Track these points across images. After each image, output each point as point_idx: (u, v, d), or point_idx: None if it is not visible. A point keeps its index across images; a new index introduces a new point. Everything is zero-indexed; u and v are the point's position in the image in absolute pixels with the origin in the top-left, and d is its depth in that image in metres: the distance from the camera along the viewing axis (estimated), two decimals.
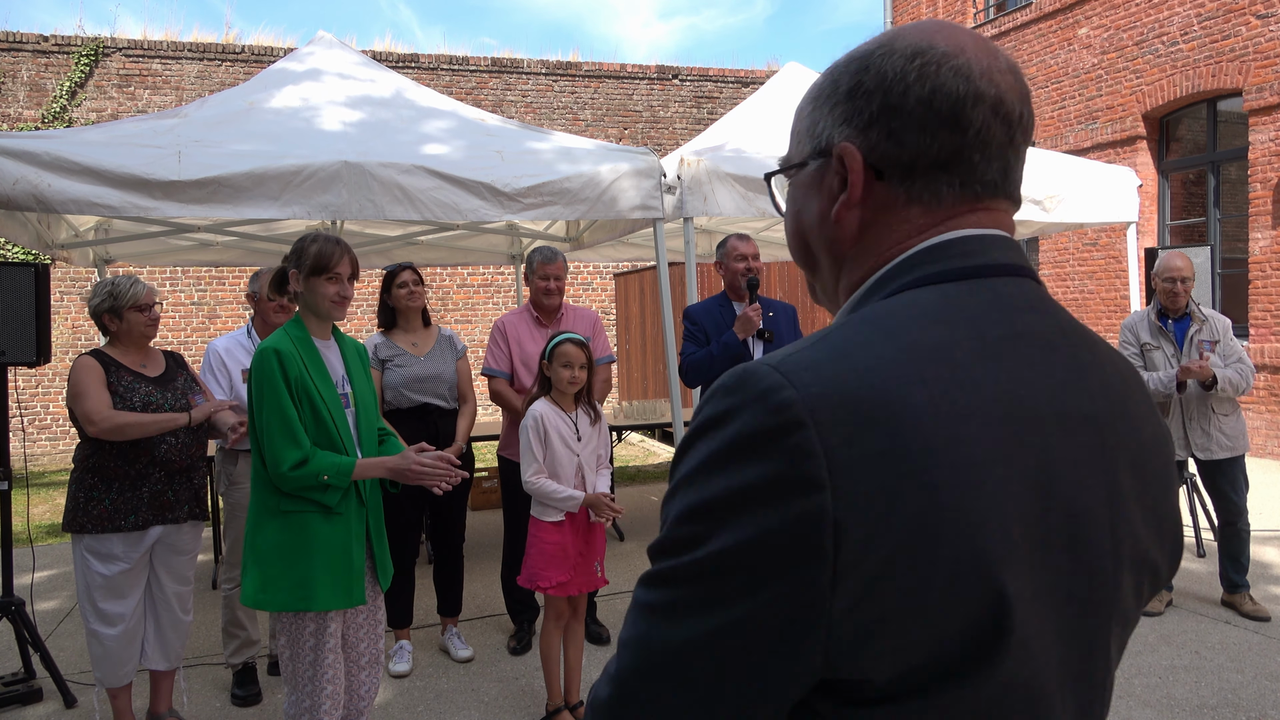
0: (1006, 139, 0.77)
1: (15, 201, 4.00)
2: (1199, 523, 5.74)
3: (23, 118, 11.50)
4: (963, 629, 0.64)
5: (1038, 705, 0.68)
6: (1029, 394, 0.70)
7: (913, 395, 0.65)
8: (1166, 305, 4.58)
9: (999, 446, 0.66)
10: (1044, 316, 0.76)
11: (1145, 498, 0.77)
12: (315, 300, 2.70)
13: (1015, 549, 0.65)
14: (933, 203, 0.77)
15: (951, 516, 0.63)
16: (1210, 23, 9.60)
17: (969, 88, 0.75)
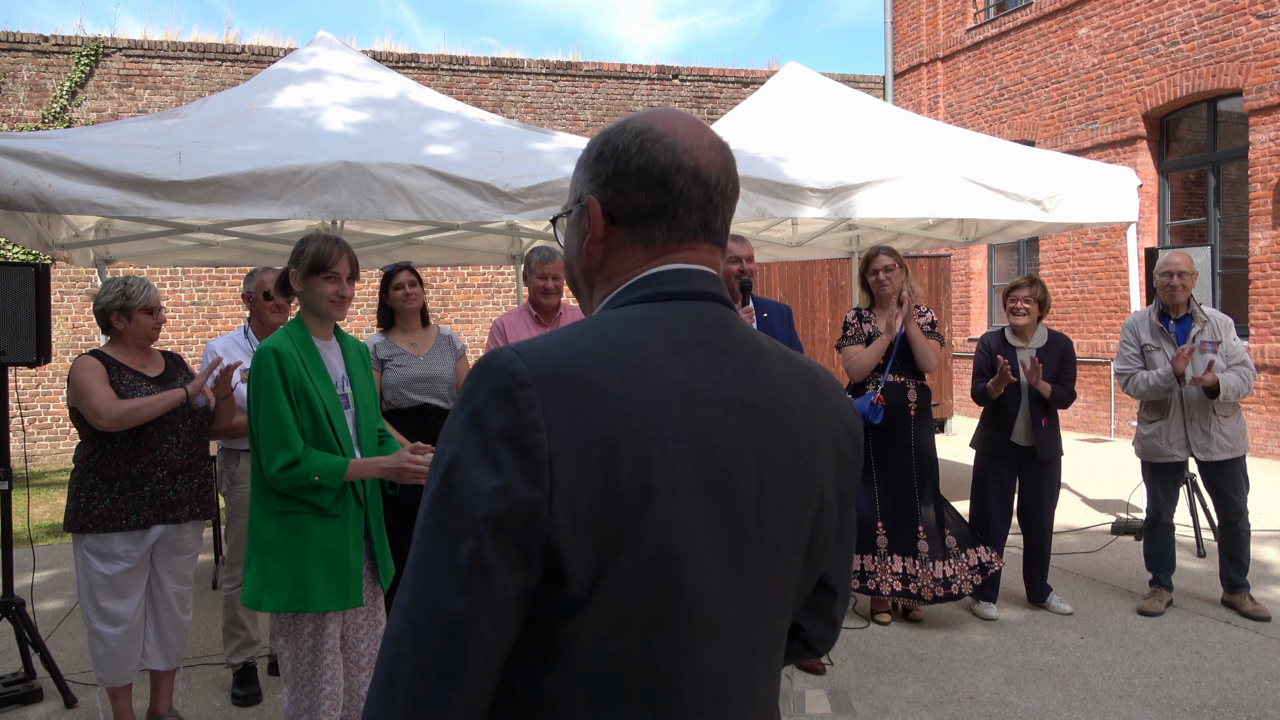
0: (704, 198, 1.05)
1: (15, 201, 4.00)
2: (1199, 523, 5.74)
3: (23, 118, 11.51)
4: (637, 544, 0.90)
5: (694, 608, 0.94)
6: (700, 384, 0.96)
7: (606, 374, 0.92)
8: (1165, 302, 4.58)
9: (670, 417, 0.93)
10: (724, 331, 1.03)
11: (797, 465, 1.03)
12: (314, 300, 2.71)
13: (678, 490, 0.92)
14: (649, 243, 1.06)
15: (626, 460, 0.89)
16: (1210, 23, 9.60)
17: (674, 160, 1.04)
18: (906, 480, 4.46)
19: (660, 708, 0.94)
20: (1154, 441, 4.59)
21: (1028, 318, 4.59)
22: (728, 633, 0.97)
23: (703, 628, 0.95)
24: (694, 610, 0.94)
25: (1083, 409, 11.27)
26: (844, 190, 5.23)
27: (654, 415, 0.92)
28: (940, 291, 11.21)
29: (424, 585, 0.90)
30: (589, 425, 0.89)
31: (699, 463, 0.94)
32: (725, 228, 1.09)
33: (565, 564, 0.88)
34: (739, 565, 0.97)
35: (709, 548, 0.95)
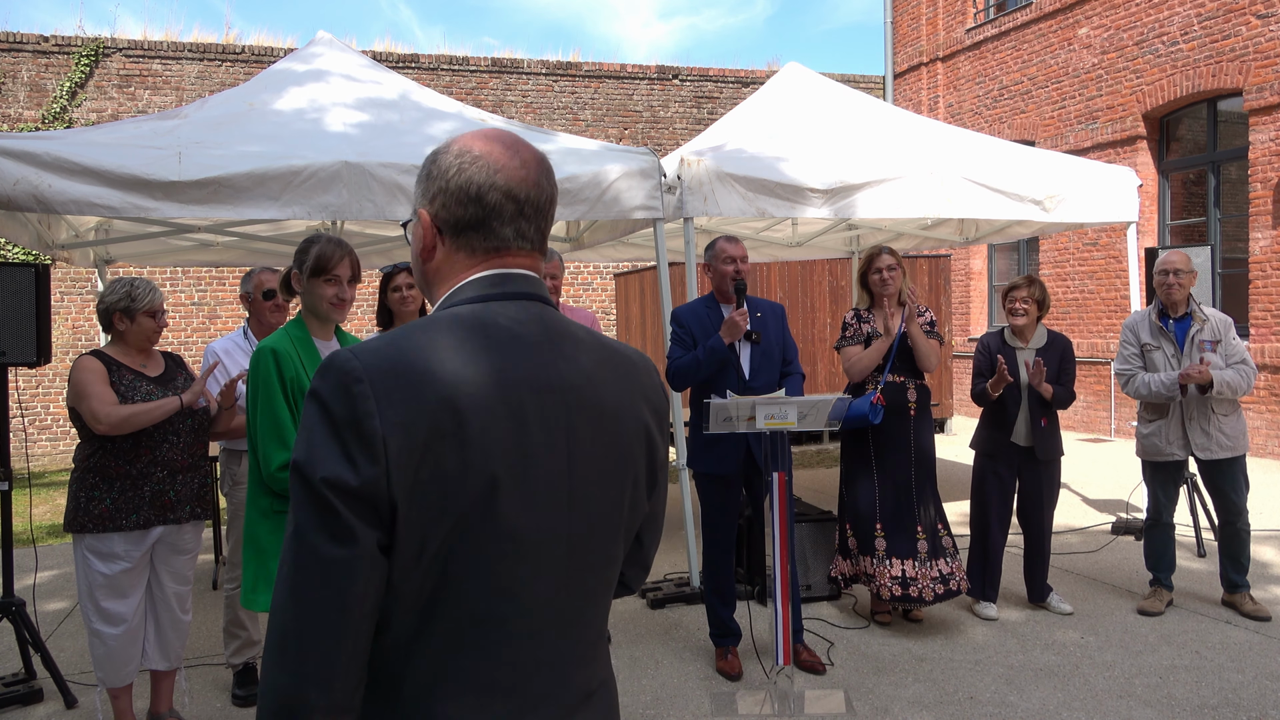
0: (516, 212, 1.22)
1: (16, 202, 4.00)
2: (1199, 522, 5.74)
3: (23, 118, 11.51)
4: (464, 506, 1.08)
5: (522, 548, 1.13)
6: (514, 373, 1.14)
7: (429, 368, 1.09)
8: (1163, 301, 4.58)
9: (486, 401, 1.10)
10: (538, 325, 1.20)
11: (604, 438, 1.21)
12: (314, 301, 2.71)
13: (496, 462, 1.10)
14: (471, 251, 1.23)
15: (449, 438, 1.07)
16: (1210, 23, 9.60)
17: (488, 179, 1.20)
18: (906, 480, 4.46)
19: (492, 638, 1.13)
20: (1154, 440, 4.59)
21: (1026, 318, 4.59)
22: (550, 574, 1.17)
23: (525, 570, 1.15)
24: (517, 558, 1.14)
25: (1083, 409, 11.27)
26: (844, 190, 5.23)
27: (472, 400, 1.10)
28: (940, 291, 11.21)
29: (302, 550, 1.06)
30: (414, 411, 1.07)
31: (514, 439, 1.13)
32: (540, 234, 1.27)
33: (405, 523, 1.07)
34: (555, 523, 1.17)
35: (527, 509, 1.13)
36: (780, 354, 4.10)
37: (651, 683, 3.91)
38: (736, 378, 3.96)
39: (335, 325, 2.84)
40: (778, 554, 3.63)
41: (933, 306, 10.91)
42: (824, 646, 4.20)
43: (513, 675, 1.15)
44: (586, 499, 1.20)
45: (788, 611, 3.63)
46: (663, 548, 6.16)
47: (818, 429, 3.79)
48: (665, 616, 4.75)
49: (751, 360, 4.01)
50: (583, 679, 1.22)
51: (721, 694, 3.76)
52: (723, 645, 4.06)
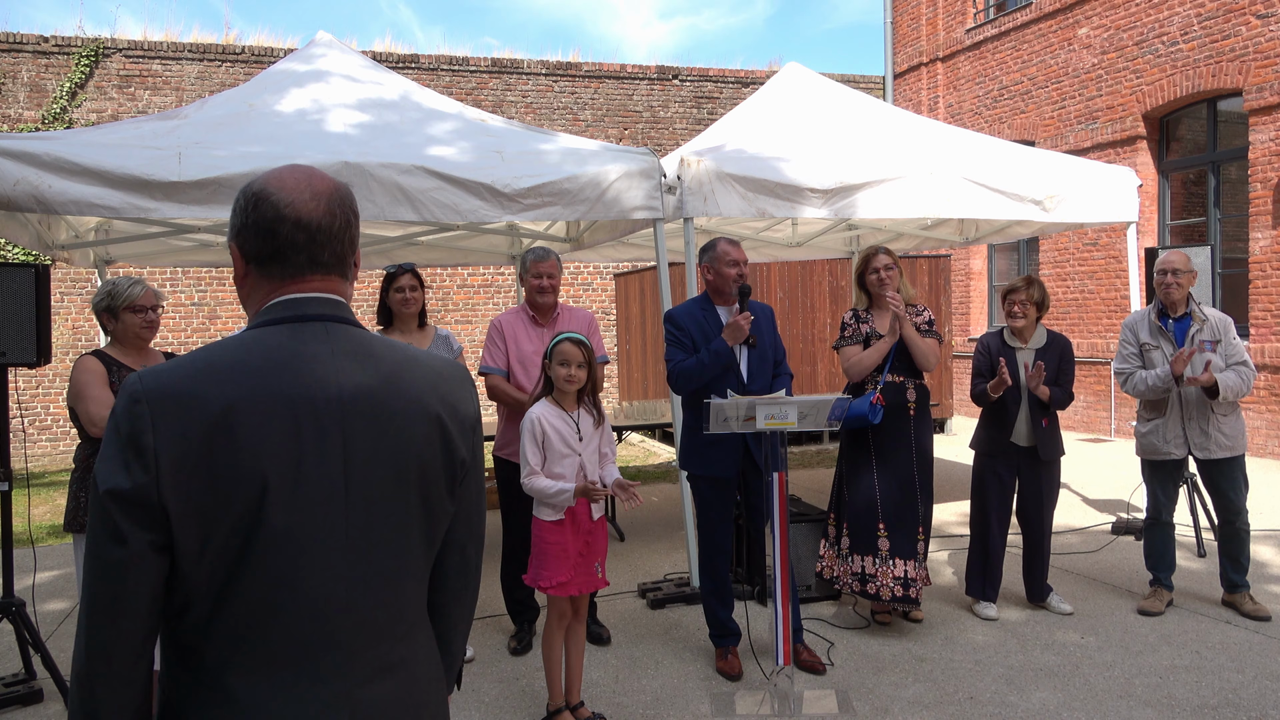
0: (308, 240, 1.36)
1: (16, 202, 4.00)
2: (1199, 522, 5.74)
3: (23, 119, 11.51)
4: (236, 509, 1.23)
5: (297, 544, 1.27)
6: (293, 388, 1.28)
7: (205, 390, 1.24)
8: (1162, 300, 4.58)
9: (264, 415, 1.25)
10: (327, 342, 1.34)
11: (388, 441, 1.34)
12: None
13: (270, 468, 1.24)
14: (270, 279, 1.37)
15: (222, 451, 1.22)
16: (1210, 23, 9.60)
17: (278, 214, 1.34)
18: (908, 479, 4.45)
19: (276, 621, 1.28)
20: (1152, 439, 4.59)
21: (1025, 320, 4.59)
22: (330, 565, 1.30)
23: (303, 562, 1.28)
24: (294, 552, 1.27)
25: (1083, 409, 11.28)
26: (844, 190, 5.23)
27: (242, 416, 1.24)
28: (940, 291, 11.21)
29: (90, 549, 1.24)
30: (186, 428, 1.23)
31: (285, 448, 1.26)
32: (337, 257, 1.40)
33: (180, 524, 1.23)
34: (332, 520, 1.30)
35: (300, 508, 1.27)
36: (773, 356, 4.10)
37: (651, 683, 3.91)
38: (736, 381, 3.96)
39: None
40: (777, 554, 3.63)
41: (933, 306, 10.91)
42: (824, 646, 4.20)
43: (298, 653, 1.29)
44: (366, 498, 1.33)
45: (788, 612, 3.63)
46: (663, 548, 6.17)
47: (818, 429, 3.78)
48: (665, 617, 4.75)
49: (749, 363, 4.01)
50: (376, 656, 1.35)
51: (721, 694, 3.76)
52: (722, 645, 4.06)
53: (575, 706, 3.49)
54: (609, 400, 12.87)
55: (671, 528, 6.78)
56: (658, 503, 7.82)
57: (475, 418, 1.50)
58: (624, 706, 3.67)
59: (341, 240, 1.40)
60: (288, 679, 1.29)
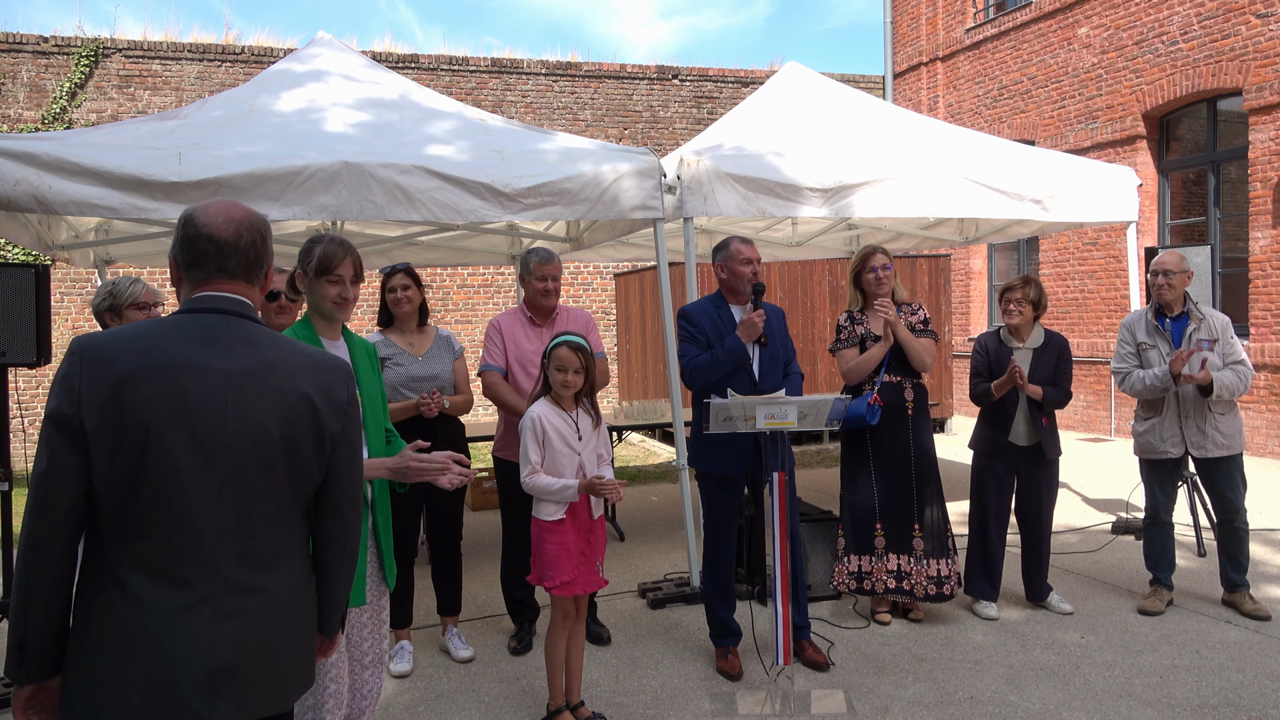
0: (216, 252, 1.83)
1: (16, 203, 4.01)
2: (1199, 522, 5.74)
3: (23, 119, 11.51)
4: (134, 442, 1.66)
5: (177, 478, 1.68)
6: (189, 359, 1.72)
7: (122, 350, 1.68)
8: (1157, 301, 4.59)
9: (161, 373, 1.69)
10: (220, 329, 1.78)
11: (263, 410, 1.76)
12: (318, 300, 2.73)
13: (160, 415, 1.67)
14: (191, 280, 1.85)
15: (127, 397, 1.65)
16: (1210, 22, 9.60)
17: (196, 232, 1.83)
18: (905, 480, 4.46)
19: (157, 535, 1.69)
20: (1149, 438, 4.59)
21: (1021, 319, 4.59)
22: (204, 499, 1.71)
23: (181, 490, 1.70)
24: (173, 485, 1.69)
25: (1083, 409, 11.28)
26: (844, 190, 5.23)
27: (148, 372, 1.69)
28: (940, 291, 11.21)
29: (36, 461, 1.66)
30: (99, 377, 1.66)
31: (172, 402, 1.69)
32: (243, 267, 1.86)
33: (93, 450, 1.66)
34: (209, 463, 1.71)
35: (181, 451, 1.69)
36: (784, 356, 4.11)
37: (651, 682, 3.91)
38: (748, 379, 3.96)
39: (342, 325, 2.85)
40: (777, 554, 3.63)
41: (932, 306, 10.91)
42: (824, 646, 4.20)
43: (173, 561, 1.69)
44: (236, 451, 1.73)
45: (788, 611, 3.63)
46: (663, 548, 6.17)
47: (818, 429, 3.79)
48: (665, 616, 4.75)
49: (761, 362, 4.01)
50: (237, 577, 1.74)
51: (722, 694, 3.76)
52: (723, 645, 4.06)
53: (575, 706, 3.49)
54: (609, 400, 12.86)
55: (671, 527, 6.79)
56: (658, 502, 7.82)
57: (347, 401, 1.91)
58: (624, 706, 3.67)
59: (249, 254, 1.87)
60: (163, 581, 1.69)
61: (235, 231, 1.85)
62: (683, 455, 5.05)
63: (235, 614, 1.72)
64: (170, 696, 1.66)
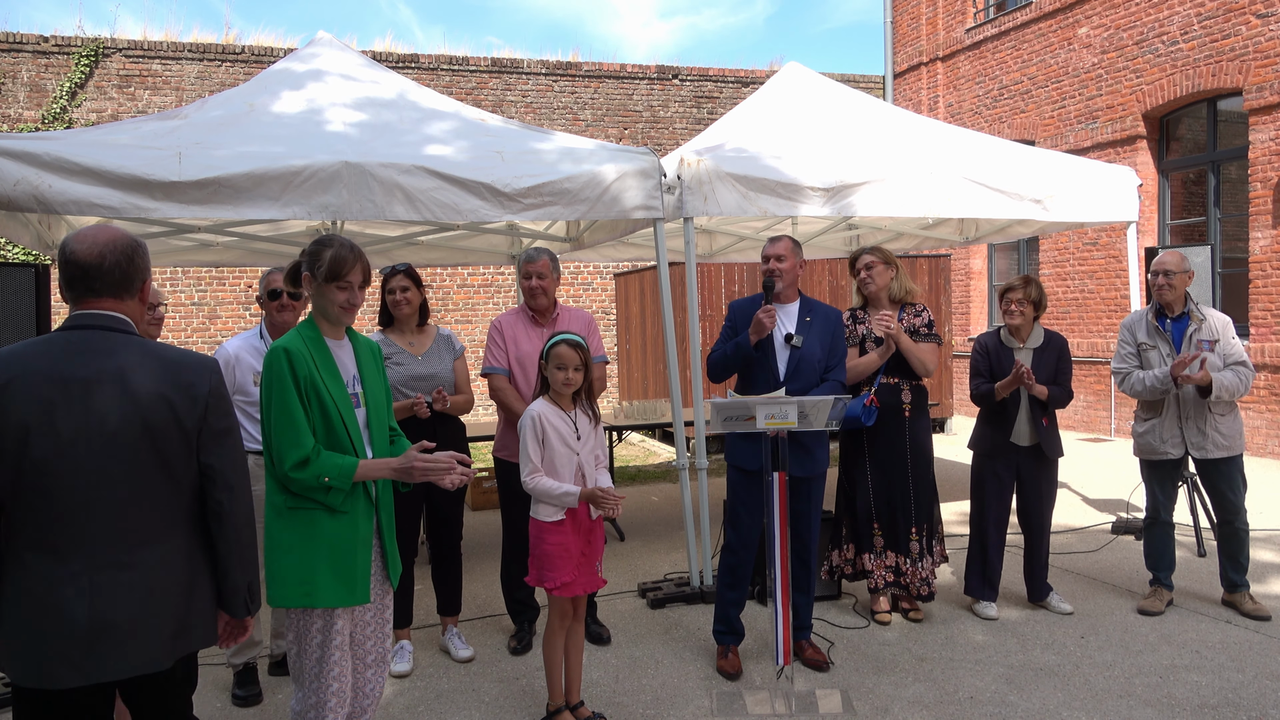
0: (83, 275, 2.11)
1: (16, 202, 4.00)
2: (1199, 522, 5.74)
3: (23, 118, 11.51)
4: (14, 440, 2.01)
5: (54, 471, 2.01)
6: (55, 369, 2.03)
7: (6, 363, 2.04)
8: (1158, 301, 4.59)
9: (30, 383, 2.02)
10: (89, 342, 2.08)
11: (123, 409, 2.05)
12: (326, 305, 2.73)
13: (33, 416, 2.01)
14: (70, 301, 2.14)
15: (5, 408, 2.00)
16: (1210, 22, 9.60)
17: (65, 259, 2.12)
18: (902, 481, 4.48)
19: (43, 519, 2.04)
20: (1149, 439, 4.59)
21: (1021, 319, 4.59)
22: (80, 488, 2.03)
23: (54, 481, 2.02)
24: (51, 477, 2.02)
25: (1083, 409, 11.28)
26: (844, 189, 5.23)
27: (22, 385, 2.02)
28: (940, 291, 11.21)
29: None
30: None
31: (44, 406, 2.01)
32: (110, 285, 2.14)
33: None
34: (80, 456, 2.03)
35: (55, 447, 2.02)
36: (824, 359, 4.03)
37: (651, 682, 3.91)
38: (771, 379, 3.95)
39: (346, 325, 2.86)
40: (777, 554, 3.63)
41: (932, 306, 10.90)
42: (824, 646, 4.20)
43: (57, 541, 2.04)
44: (104, 445, 2.04)
45: (788, 611, 3.63)
46: (662, 547, 6.17)
47: (819, 429, 3.78)
48: (665, 616, 4.75)
49: (789, 363, 3.99)
50: (113, 555, 2.06)
51: (724, 693, 3.76)
52: (724, 643, 4.06)
53: (575, 706, 3.49)
54: (609, 400, 12.87)
55: (672, 527, 6.79)
56: (658, 502, 7.82)
57: (208, 393, 2.17)
58: (624, 706, 3.67)
59: (113, 273, 2.13)
60: (50, 557, 2.04)
61: (99, 254, 2.12)
62: (683, 455, 5.05)
63: (111, 584, 2.05)
64: (58, 649, 2.03)
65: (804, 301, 4.09)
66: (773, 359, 3.98)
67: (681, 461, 5.04)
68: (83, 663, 2.03)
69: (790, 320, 4.03)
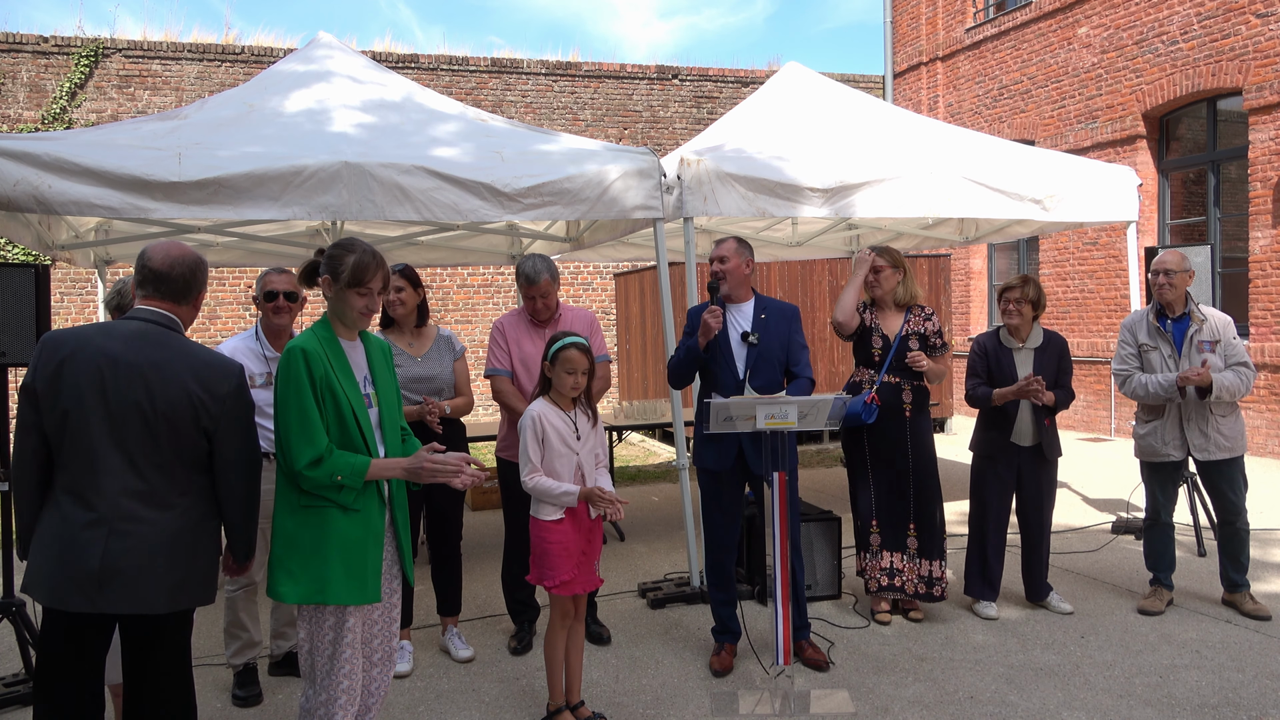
0: (154, 278, 2.60)
1: (16, 203, 4.00)
2: (1199, 521, 5.74)
3: (23, 119, 11.51)
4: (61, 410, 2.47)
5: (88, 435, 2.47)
6: (111, 350, 2.49)
7: (66, 340, 2.51)
8: (1157, 300, 4.58)
9: (87, 359, 2.47)
10: (144, 333, 2.54)
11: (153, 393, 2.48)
12: (343, 309, 2.75)
13: (83, 387, 2.46)
14: (138, 297, 2.63)
15: (64, 376, 2.46)
16: (1210, 22, 9.60)
17: (143, 263, 2.61)
18: (902, 480, 4.48)
19: (74, 473, 2.46)
20: (1150, 441, 4.59)
21: (1020, 319, 4.59)
22: (105, 447, 2.45)
23: (89, 440, 2.45)
24: (84, 433, 2.44)
25: (1083, 409, 11.28)
26: (844, 190, 5.23)
27: (77, 360, 2.45)
28: (940, 291, 11.21)
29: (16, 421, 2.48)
30: (47, 363, 2.46)
31: (94, 382, 2.44)
32: (170, 290, 2.59)
33: (44, 415, 2.46)
34: (109, 422, 2.45)
35: (94, 410, 2.44)
36: (783, 355, 4.07)
37: (651, 682, 3.91)
38: (731, 378, 3.97)
39: None
40: (777, 554, 3.64)
41: (932, 306, 10.90)
42: (824, 646, 4.20)
43: (82, 490, 2.45)
44: (131, 418, 2.46)
45: (788, 611, 3.63)
46: (663, 547, 6.17)
47: (818, 429, 3.79)
48: (665, 616, 4.75)
49: (748, 360, 4.01)
50: (128, 509, 2.46)
51: (722, 694, 3.76)
52: (719, 641, 4.07)
53: (575, 706, 3.49)
54: (609, 400, 12.86)
55: (672, 527, 6.78)
56: (658, 502, 7.82)
57: (227, 394, 2.55)
58: (624, 706, 3.67)
59: (176, 283, 2.58)
60: (80, 503, 2.46)
61: (169, 265, 2.57)
62: (683, 455, 5.05)
63: (125, 535, 2.45)
64: (73, 581, 2.43)
65: (759, 300, 4.10)
66: (730, 358, 3.99)
67: (681, 461, 5.04)
68: (95, 597, 2.43)
69: (745, 319, 4.04)
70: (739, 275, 4.05)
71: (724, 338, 4.00)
